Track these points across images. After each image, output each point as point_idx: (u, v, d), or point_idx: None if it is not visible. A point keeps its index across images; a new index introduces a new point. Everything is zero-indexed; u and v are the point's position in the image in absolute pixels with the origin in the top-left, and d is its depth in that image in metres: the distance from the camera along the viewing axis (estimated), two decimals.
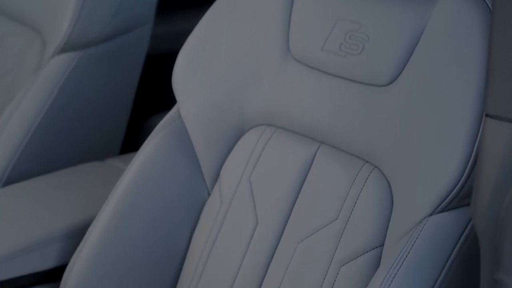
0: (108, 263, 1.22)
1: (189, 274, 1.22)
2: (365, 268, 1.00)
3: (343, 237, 1.04)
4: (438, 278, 0.90)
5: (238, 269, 1.15)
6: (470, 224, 0.92)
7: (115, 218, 1.23)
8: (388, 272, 0.91)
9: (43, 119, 1.53)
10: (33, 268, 1.29)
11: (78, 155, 1.61)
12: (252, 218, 1.16)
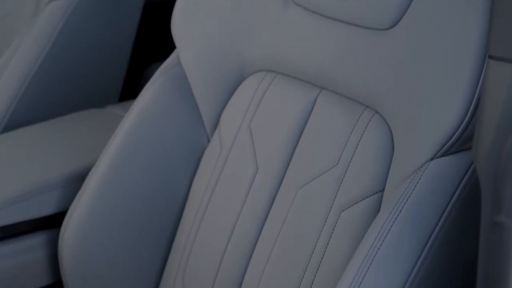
0: (107, 210, 1.22)
1: (188, 221, 1.22)
2: (365, 213, 1.00)
3: (343, 183, 1.03)
4: (438, 221, 0.90)
5: (238, 216, 1.14)
6: (471, 168, 0.91)
7: (114, 165, 1.22)
8: (388, 216, 0.91)
9: (41, 65, 1.52)
10: (32, 214, 1.29)
11: (77, 102, 1.60)
12: (252, 164, 1.15)
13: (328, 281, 0.99)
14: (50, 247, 1.30)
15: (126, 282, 1.25)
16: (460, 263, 0.92)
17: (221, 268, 1.14)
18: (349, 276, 0.89)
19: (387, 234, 0.90)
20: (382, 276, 0.89)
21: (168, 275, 1.24)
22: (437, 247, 0.90)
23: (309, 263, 1.02)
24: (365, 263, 0.89)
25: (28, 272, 1.29)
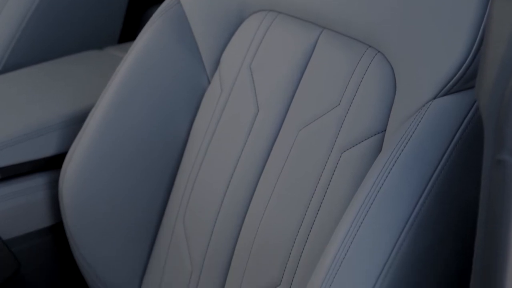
0: (107, 151, 1.22)
1: (189, 162, 1.22)
2: (366, 154, 0.99)
3: (345, 123, 1.03)
4: (440, 160, 0.90)
5: (239, 157, 1.14)
6: (474, 107, 0.91)
7: (114, 106, 1.22)
8: (390, 156, 0.90)
9: (38, 6, 1.50)
10: (32, 155, 1.29)
11: (76, 43, 1.58)
12: (252, 105, 1.14)
13: (329, 221, 0.99)
14: (51, 189, 1.30)
15: (126, 222, 1.25)
16: (461, 202, 0.92)
17: (221, 209, 1.14)
18: (350, 216, 0.89)
19: (389, 174, 0.90)
20: (383, 216, 0.88)
21: (169, 216, 1.24)
22: (438, 186, 0.89)
23: (310, 204, 1.02)
24: (366, 203, 0.89)
25: (29, 213, 1.29)
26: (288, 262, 1.03)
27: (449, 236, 0.92)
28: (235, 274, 1.11)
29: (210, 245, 1.15)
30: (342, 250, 0.88)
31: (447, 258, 0.92)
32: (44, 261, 1.34)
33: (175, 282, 1.20)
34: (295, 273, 1.02)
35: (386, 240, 0.88)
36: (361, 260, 0.88)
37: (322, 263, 0.89)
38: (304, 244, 1.01)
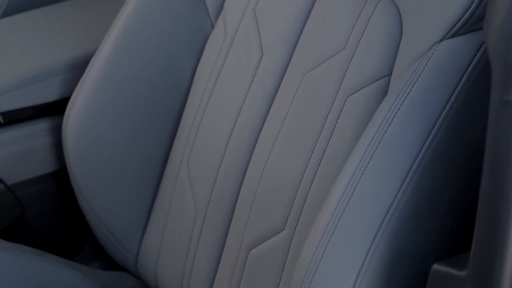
0: (110, 95, 1.21)
1: (193, 107, 1.21)
2: (372, 97, 0.98)
3: (350, 67, 1.02)
4: (447, 103, 0.89)
5: (243, 102, 1.13)
6: (481, 49, 0.89)
7: (116, 50, 1.21)
8: (396, 99, 0.89)
9: None
10: (35, 100, 1.28)
11: None
12: (257, 49, 1.13)
13: (334, 166, 0.99)
14: (54, 134, 1.30)
15: (130, 167, 1.25)
16: (467, 145, 0.91)
17: (226, 154, 1.13)
18: (355, 160, 0.88)
19: (394, 118, 0.89)
20: (388, 159, 0.88)
21: (173, 161, 1.24)
22: (444, 130, 0.89)
23: (315, 149, 1.02)
24: (371, 147, 0.88)
25: (32, 159, 1.29)
26: (293, 207, 1.02)
27: (454, 179, 0.91)
28: (239, 219, 1.11)
29: (214, 190, 1.15)
30: (347, 194, 0.87)
31: (452, 200, 0.91)
32: (48, 206, 1.34)
33: (179, 227, 1.20)
34: (299, 217, 1.02)
35: (391, 183, 0.87)
36: (366, 204, 0.87)
37: (326, 207, 0.89)
38: (308, 188, 1.01)
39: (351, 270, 0.86)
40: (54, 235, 1.36)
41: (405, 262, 0.89)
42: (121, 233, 1.28)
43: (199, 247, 1.16)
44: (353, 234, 0.86)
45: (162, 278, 1.23)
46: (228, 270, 1.11)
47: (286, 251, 1.03)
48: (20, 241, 1.28)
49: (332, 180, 0.95)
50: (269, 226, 1.05)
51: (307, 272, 0.87)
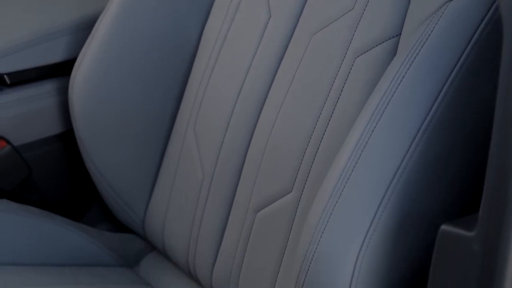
0: (117, 56, 1.21)
1: (200, 68, 1.20)
2: (381, 58, 0.97)
3: (359, 28, 1.00)
4: (457, 63, 0.87)
5: (251, 63, 1.12)
6: (493, 7, 0.87)
7: (122, 11, 1.20)
8: (405, 60, 0.88)
9: None
10: (41, 61, 1.28)
11: None
12: (264, 11, 1.12)
13: (342, 126, 0.98)
14: (61, 95, 1.29)
15: (137, 129, 1.25)
16: (475, 107, 0.90)
17: (233, 115, 1.13)
18: (363, 121, 0.88)
19: (403, 78, 0.88)
20: (397, 120, 0.87)
21: (179, 123, 1.23)
22: (453, 91, 0.88)
23: (323, 109, 1.01)
24: (380, 107, 0.87)
25: (39, 120, 1.29)
26: (300, 169, 1.02)
27: (462, 142, 0.91)
28: (246, 181, 1.10)
29: (221, 151, 1.14)
30: (355, 155, 0.87)
31: (460, 162, 0.91)
32: (55, 168, 1.34)
33: (186, 190, 1.20)
34: (307, 179, 1.01)
35: (399, 145, 0.87)
36: (374, 164, 0.86)
37: (334, 168, 0.88)
38: (316, 149, 1.01)
39: (359, 231, 0.85)
40: (61, 196, 1.36)
41: (413, 223, 0.88)
42: (128, 195, 1.28)
43: (206, 209, 1.16)
44: (361, 194, 0.86)
45: (169, 239, 1.24)
46: (235, 232, 1.11)
47: (294, 212, 1.02)
48: (27, 203, 1.28)
49: (340, 141, 0.95)
50: (277, 188, 1.05)
51: (314, 232, 0.86)
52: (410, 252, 0.90)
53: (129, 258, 1.33)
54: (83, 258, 1.27)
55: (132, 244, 1.34)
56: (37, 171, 1.30)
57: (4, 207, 1.22)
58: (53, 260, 1.24)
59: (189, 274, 1.23)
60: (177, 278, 1.27)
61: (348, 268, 0.86)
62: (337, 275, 0.86)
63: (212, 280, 1.16)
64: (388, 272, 0.88)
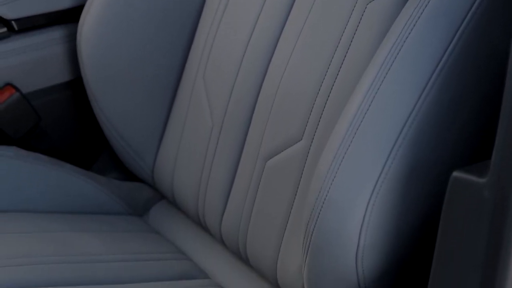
0: (125, 3, 1.20)
1: (210, 15, 1.20)
2: (392, 4, 0.95)
3: None
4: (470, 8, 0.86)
5: (261, 9, 1.12)
6: None
7: None
8: (418, 5, 0.87)
9: None
10: (49, 7, 1.27)
11: None
12: None
13: (353, 73, 0.97)
14: (69, 42, 1.28)
15: (146, 77, 1.24)
16: (489, 52, 0.89)
17: (243, 62, 1.12)
18: (375, 67, 0.87)
19: (416, 23, 0.86)
20: (409, 65, 0.86)
21: (189, 71, 1.22)
22: (465, 38, 0.86)
23: (333, 57, 1.00)
24: (392, 52, 0.86)
25: (47, 67, 1.28)
26: (310, 117, 1.01)
27: (473, 89, 0.90)
28: (256, 129, 1.10)
29: (231, 99, 1.13)
30: (366, 102, 0.86)
31: (472, 110, 0.90)
32: (64, 116, 1.34)
33: (196, 138, 1.20)
34: (317, 127, 1.00)
35: (411, 91, 0.86)
36: (385, 111, 0.86)
37: (345, 115, 0.87)
38: (327, 97, 1.00)
39: (369, 179, 0.85)
40: (70, 145, 1.36)
41: (424, 170, 0.88)
42: (137, 143, 1.28)
43: (216, 158, 1.16)
44: (371, 142, 0.85)
45: (178, 188, 1.24)
46: (244, 181, 1.11)
47: (303, 161, 1.02)
48: (36, 150, 1.28)
49: (350, 89, 0.94)
50: (286, 136, 1.04)
51: (324, 180, 0.86)
52: (420, 200, 0.90)
53: (138, 206, 1.33)
54: (92, 206, 1.28)
55: (141, 192, 1.34)
56: (45, 119, 1.30)
57: (13, 154, 1.22)
58: (62, 208, 1.25)
59: (198, 222, 1.23)
60: (186, 227, 1.27)
61: (358, 216, 0.85)
62: (347, 223, 0.86)
63: (221, 228, 1.16)
64: (398, 220, 0.88)
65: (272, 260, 1.06)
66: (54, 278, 1.06)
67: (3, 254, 1.07)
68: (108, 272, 1.12)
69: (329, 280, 0.90)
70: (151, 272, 1.15)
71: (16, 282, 1.03)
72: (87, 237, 1.18)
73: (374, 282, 0.90)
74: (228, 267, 1.19)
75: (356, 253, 0.87)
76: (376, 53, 0.89)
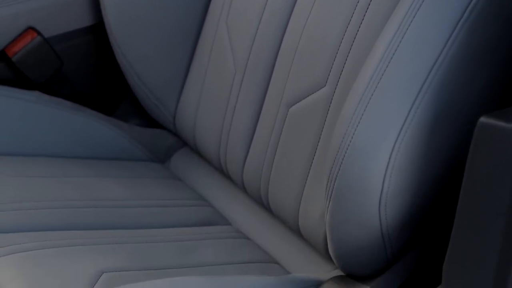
0: None
1: None
2: None
3: None
4: None
5: None
6: None
7: None
8: None
9: None
10: None
11: None
12: None
13: (377, 19, 0.95)
14: None
15: (168, 22, 1.23)
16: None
17: (267, 6, 1.11)
18: (402, 10, 0.85)
19: None
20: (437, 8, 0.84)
21: (211, 16, 1.21)
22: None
23: (359, 1, 0.98)
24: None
25: (69, 11, 1.27)
26: (335, 62, 1.00)
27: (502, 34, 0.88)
28: (279, 75, 1.09)
29: (254, 45, 1.12)
30: (392, 47, 0.84)
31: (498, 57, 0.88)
32: (86, 61, 1.33)
33: (218, 84, 1.19)
34: (341, 73, 0.99)
35: (439, 34, 0.84)
36: (411, 57, 0.84)
37: (370, 61, 0.86)
38: (351, 43, 0.98)
39: (395, 124, 0.84)
40: (92, 90, 1.36)
41: (450, 116, 0.86)
42: (159, 90, 1.27)
43: (238, 104, 1.15)
44: (398, 86, 0.84)
45: (200, 135, 1.23)
46: (267, 127, 1.11)
47: (327, 107, 1.01)
48: (58, 96, 1.28)
49: (376, 33, 0.92)
50: (310, 83, 1.03)
51: (349, 125, 0.85)
52: (445, 147, 0.89)
53: (159, 153, 1.33)
54: (113, 152, 1.28)
55: (162, 139, 1.34)
56: (68, 64, 1.29)
57: (36, 99, 1.21)
58: (83, 153, 1.25)
59: (220, 169, 1.23)
60: (207, 173, 1.27)
61: (383, 161, 0.85)
62: (371, 168, 0.85)
63: (243, 175, 1.15)
64: (423, 166, 0.87)
65: (293, 206, 1.06)
66: (77, 222, 1.06)
67: (28, 197, 1.08)
68: (129, 217, 1.12)
69: (351, 226, 0.90)
70: (172, 218, 1.15)
71: (41, 225, 1.04)
72: (110, 182, 1.18)
73: (396, 228, 0.90)
74: (249, 214, 1.19)
75: (379, 199, 0.86)
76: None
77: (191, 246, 1.09)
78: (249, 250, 1.12)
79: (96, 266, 0.96)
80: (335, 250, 0.94)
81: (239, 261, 1.09)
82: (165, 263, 1.03)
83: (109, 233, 1.06)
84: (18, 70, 1.24)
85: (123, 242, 1.05)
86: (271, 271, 1.09)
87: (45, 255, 0.97)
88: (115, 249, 1.03)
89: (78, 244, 1.01)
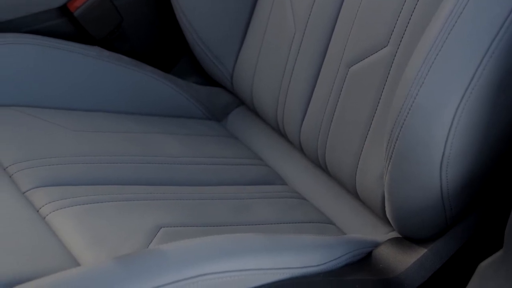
0: None
1: None
2: None
3: None
4: None
5: None
6: None
7: None
8: None
9: None
10: None
11: None
12: None
13: None
14: None
15: None
16: None
17: None
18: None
19: None
20: None
21: None
22: None
23: None
24: None
25: None
26: (398, 22, 0.98)
27: None
28: (339, 34, 1.08)
29: (315, 4, 1.11)
30: (460, 4, 0.82)
31: None
32: (146, 18, 1.33)
33: (277, 44, 1.18)
34: (404, 33, 0.98)
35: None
36: (479, 16, 0.82)
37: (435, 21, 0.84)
38: (416, 2, 0.96)
39: (459, 85, 0.83)
40: (151, 47, 1.36)
41: None
42: (218, 48, 1.27)
43: (297, 64, 1.14)
44: (463, 48, 0.82)
45: (257, 93, 1.23)
46: (326, 87, 1.10)
47: (388, 67, 1.00)
48: (118, 52, 1.28)
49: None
50: (371, 42, 1.02)
51: (412, 85, 0.84)
52: (509, 110, 0.87)
53: (216, 111, 1.33)
54: (171, 109, 1.28)
55: (220, 97, 1.34)
56: (128, 20, 1.30)
57: (96, 54, 1.22)
58: (141, 110, 1.25)
59: (277, 129, 1.22)
60: (264, 133, 1.27)
61: (446, 123, 0.83)
62: (434, 129, 0.84)
63: (301, 135, 1.15)
64: (486, 130, 0.86)
65: (351, 167, 1.05)
66: (136, 177, 1.07)
67: (90, 151, 1.09)
68: (187, 174, 1.13)
69: (411, 188, 0.89)
70: (229, 176, 1.16)
71: (101, 179, 1.05)
72: (168, 139, 1.19)
73: (457, 191, 0.89)
74: (305, 175, 1.18)
75: (441, 161, 0.85)
76: None
77: (248, 204, 1.09)
78: (305, 210, 1.12)
79: (155, 221, 0.97)
80: (393, 212, 0.94)
81: (295, 220, 1.09)
82: (221, 220, 1.03)
83: (167, 189, 1.07)
84: (79, 25, 1.25)
85: (181, 198, 1.06)
86: (327, 231, 1.09)
87: (105, 209, 0.98)
88: (172, 205, 1.04)
89: (137, 199, 1.02)
